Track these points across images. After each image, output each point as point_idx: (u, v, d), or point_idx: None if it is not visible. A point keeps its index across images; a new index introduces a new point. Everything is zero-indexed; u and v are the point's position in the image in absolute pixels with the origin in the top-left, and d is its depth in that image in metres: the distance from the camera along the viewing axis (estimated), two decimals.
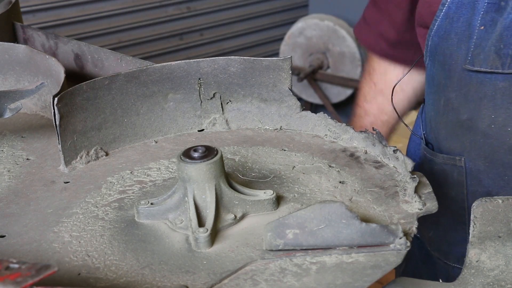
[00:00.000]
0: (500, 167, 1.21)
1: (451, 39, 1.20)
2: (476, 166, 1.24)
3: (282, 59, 1.06)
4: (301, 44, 4.00)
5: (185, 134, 1.10)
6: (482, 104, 1.18)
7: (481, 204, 0.80)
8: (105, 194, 0.93)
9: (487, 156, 1.21)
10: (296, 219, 0.75)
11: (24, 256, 0.80)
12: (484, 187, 1.24)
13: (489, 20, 1.14)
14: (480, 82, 1.17)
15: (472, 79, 1.18)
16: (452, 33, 1.20)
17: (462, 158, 1.25)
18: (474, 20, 1.16)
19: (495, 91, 1.16)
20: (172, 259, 0.78)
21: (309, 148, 1.04)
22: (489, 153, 1.21)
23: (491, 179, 1.23)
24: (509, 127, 1.16)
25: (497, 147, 1.19)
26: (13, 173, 1.01)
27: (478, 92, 1.18)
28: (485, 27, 1.15)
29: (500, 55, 1.13)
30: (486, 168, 1.22)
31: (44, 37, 1.44)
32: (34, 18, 3.20)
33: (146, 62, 1.19)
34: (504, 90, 1.15)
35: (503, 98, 1.15)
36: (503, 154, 1.19)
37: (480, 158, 1.23)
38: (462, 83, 1.20)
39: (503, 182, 1.21)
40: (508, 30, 1.12)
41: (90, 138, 1.02)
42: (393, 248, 0.75)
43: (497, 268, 0.78)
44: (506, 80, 1.14)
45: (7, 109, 1.05)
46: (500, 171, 1.21)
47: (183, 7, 3.77)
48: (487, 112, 1.18)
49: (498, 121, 1.17)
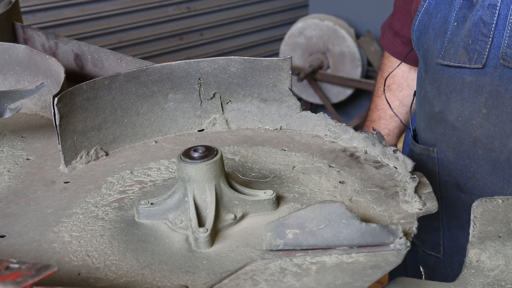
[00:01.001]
0: (466, 159, 1.24)
1: (429, 33, 1.25)
2: (447, 157, 1.28)
3: (282, 59, 1.06)
4: (301, 44, 4.00)
5: (185, 134, 1.10)
6: (452, 97, 1.23)
7: (481, 204, 0.80)
8: (105, 194, 0.93)
9: (455, 148, 1.26)
10: (296, 219, 0.75)
11: (24, 256, 0.80)
12: (453, 177, 1.28)
13: (461, 16, 1.19)
14: (451, 76, 1.21)
15: (444, 73, 1.23)
16: (430, 28, 1.24)
17: (435, 149, 1.30)
18: (450, 17, 1.21)
19: (463, 85, 1.20)
20: (172, 259, 0.78)
21: (309, 148, 1.04)
22: (457, 145, 1.25)
23: (459, 170, 1.27)
24: (474, 120, 1.20)
25: (463, 139, 1.23)
26: (13, 173, 1.00)
27: (449, 85, 1.23)
28: (457, 23, 1.19)
29: (468, 50, 1.17)
30: (455, 160, 1.26)
31: (44, 37, 1.44)
32: (34, 18, 3.20)
33: (146, 62, 1.19)
34: (470, 85, 1.19)
35: (469, 92, 1.19)
36: (469, 146, 1.23)
37: (449, 150, 1.27)
38: (436, 76, 1.25)
39: (469, 174, 1.25)
40: (476, 26, 1.16)
41: (90, 138, 1.02)
42: (393, 248, 0.75)
43: (497, 268, 0.78)
44: (472, 75, 1.18)
45: (7, 109, 1.05)
46: (466, 163, 1.25)
47: (183, 7, 3.77)
48: (455, 105, 1.22)
49: (465, 114, 1.21)
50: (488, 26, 1.14)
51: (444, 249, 1.36)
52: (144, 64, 1.16)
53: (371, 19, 3.93)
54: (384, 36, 1.55)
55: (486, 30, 1.15)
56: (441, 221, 1.34)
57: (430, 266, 1.39)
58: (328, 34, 3.90)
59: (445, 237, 1.35)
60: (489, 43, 1.15)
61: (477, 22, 1.15)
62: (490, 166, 1.21)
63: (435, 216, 1.34)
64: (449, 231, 1.33)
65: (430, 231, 1.37)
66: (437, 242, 1.37)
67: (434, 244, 1.37)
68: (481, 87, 1.17)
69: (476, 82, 1.18)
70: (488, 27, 1.14)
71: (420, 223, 1.39)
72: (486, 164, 1.21)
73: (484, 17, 1.15)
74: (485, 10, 1.15)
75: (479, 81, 1.17)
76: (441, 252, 1.36)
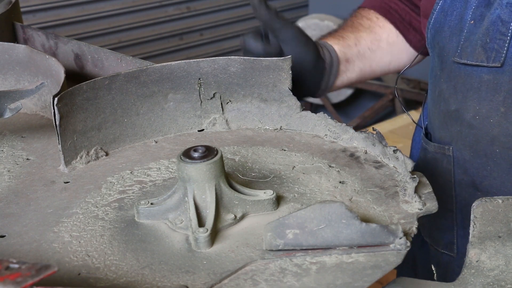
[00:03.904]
0: (483, 157, 1.24)
1: (444, 32, 1.24)
2: (462, 155, 1.27)
3: (282, 59, 1.06)
4: None
5: (185, 134, 1.10)
6: (468, 95, 1.22)
7: (481, 204, 0.80)
8: (105, 194, 0.93)
9: (471, 146, 1.25)
10: (296, 219, 0.75)
11: (24, 256, 0.80)
12: (469, 176, 1.28)
13: (478, 14, 1.18)
14: (468, 74, 1.21)
15: (461, 71, 1.22)
16: (446, 26, 1.24)
17: (450, 147, 1.30)
18: (466, 14, 1.20)
19: (480, 84, 1.19)
20: (172, 259, 0.78)
21: (309, 148, 1.04)
22: (474, 143, 1.24)
23: (475, 169, 1.26)
24: (492, 119, 1.20)
25: (480, 138, 1.23)
26: (13, 173, 1.00)
27: (465, 84, 1.22)
28: (475, 21, 1.18)
29: (485, 49, 1.16)
30: (471, 158, 1.26)
31: (44, 37, 1.44)
32: (34, 18, 3.20)
33: (146, 62, 1.19)
34: (488, 83, 1.18)
35: (487, 90, 1.19)
36: (486, 144, 1.22)
37: (465, 148, 1.26)
38: (452, 75, 1.24)
39: (486, 172, 1.25)
40: (494, 25, 1.15)
41: (90, 138, 1.02)
42: (393, 248, 0.75)
43: (497, 268, 0.78)
44: (490, 73, 1.17)
45: (7, 109, 1.05)
46: (483, 161, 1.24)
47: (183, 7, 3.77)
48: (472, 103, 1.21)
49: (482, 113, 1.21)
50: (506, 24, 1.14)
51: (457, 248, 1.35)
52: (144, 64, 1.16)
53: None
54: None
55: (504, 29, 1.14)
56: (455, 220, 1.33)
57: (443, 265, 1.39)
58: None
59: (459, 235, 1.34)
60: (508, 42, 1.14)
61: (495, 21, 1.15)
62: (508, 165, 1.21)
63: (449, 215, 1.34)
64: (463, 230, 1.32)
65: (444, 230, 1.37)
66: (450, 241, 1.36)
67: (447, 243, 1.37)
68: (499, 85, 1.17)
69: (494, 81, 1.17)
70: (506, 25, 1.14)
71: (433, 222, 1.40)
72: (504, 162, 1.21)
73: (502, 15, 1.14)
74: (503, 8, 1.14)
75: (497, 80, 1.16)
76: (455, 251, 1.36)
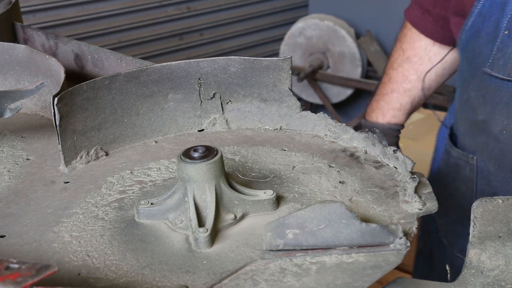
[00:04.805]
0: (508, 172, 1.20)
1: (481, 37, 1.19)
2: (487, 167, 1.24)
3: (282, 59, 1.06)
4: (301, 44, 4.00)
5: (185, 134, 1.10)
6: (497, 108, 1.18)
7: (481, 204, 0.80)
8: (105, 194, 0.93)
9: (497, 159, 1.21)
10: (296, 219, 0.75)
11: (24, 256, 0.80)
12: (492, 188, 1.25)
13: None
14: (498, 87, 1.16)
15: (491, 82, 1.17)
16: (483, 32, 1.18)
17: (474, 157, 1.26)
18: (501, 22, 1.15)
19: (510, 98, 1.15)
20: (172, 259, 0.78)
21: (309, 148, 1.04)
22: (499, 157, 1.20)
23: (499, 182, 1.23)
24: None
25: (507, 153, 1.19)
26: (13, 173, 1.00)
27: (495, 96, 1.17)
28: (509, 32, 1.13)
29: None
30: (495, 171, 1.22)
31: (44, 37, 1.44)
32: (34, 18, 3.20)
33: (146, 62, 1.19)
34: None
35: None
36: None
37: (490, 160, 1.22)
38: (482, 84, 1.20)
39: (509, 187, 1.21)
40: None
41: (90, 138, 1.02)
42: (393, 248, 0.75)
43: (497, 268, 0.78)
44: None
45: (7, 109, 1.05)
46: (508, 176, 1.21)
47: (183, 7, 3.77)
48: (501, 117, 1.18)
49: (510, 128, 1.17)
50: None
51: None
52: (144, 64, 1.16)
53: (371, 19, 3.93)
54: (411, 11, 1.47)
55: None
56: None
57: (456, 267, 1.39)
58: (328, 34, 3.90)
59: None
60: None
61: None
62: None
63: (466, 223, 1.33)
64: None
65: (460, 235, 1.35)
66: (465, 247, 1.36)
67: (463, 248, 1.36)
68: None
69: None
70: None
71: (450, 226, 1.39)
72: None
73: None
74: None
75: None
76: None
